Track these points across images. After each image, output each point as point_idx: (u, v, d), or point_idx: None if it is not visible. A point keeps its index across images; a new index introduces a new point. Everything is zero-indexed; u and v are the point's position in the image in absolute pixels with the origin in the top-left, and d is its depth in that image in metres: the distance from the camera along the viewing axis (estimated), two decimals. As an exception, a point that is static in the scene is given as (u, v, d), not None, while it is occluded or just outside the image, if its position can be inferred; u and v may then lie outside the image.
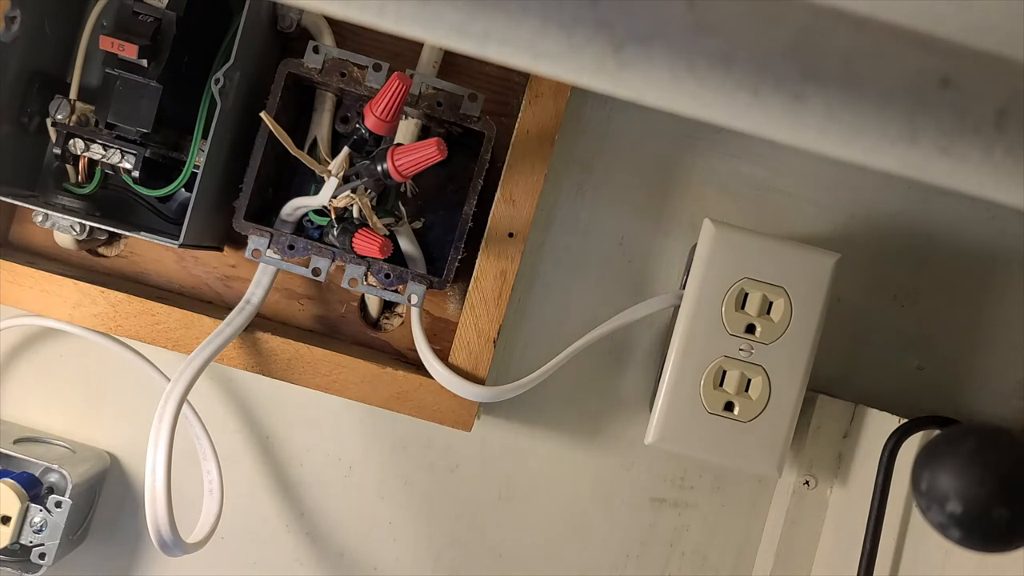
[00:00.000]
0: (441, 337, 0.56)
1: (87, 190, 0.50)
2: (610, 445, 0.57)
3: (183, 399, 0.45)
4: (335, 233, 0.48)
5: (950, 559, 0.43)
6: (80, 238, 0.51)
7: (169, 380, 0.47)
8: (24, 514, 0.49)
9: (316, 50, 0.48)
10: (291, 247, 0.48)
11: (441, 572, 0.57)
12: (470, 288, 0.51)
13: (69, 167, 0.50)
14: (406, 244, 0.52)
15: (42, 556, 0.50)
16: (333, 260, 0.48)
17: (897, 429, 0.47)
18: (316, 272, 0.48)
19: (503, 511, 0.57)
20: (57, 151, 0.48)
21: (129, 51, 0.45)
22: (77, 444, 0.55)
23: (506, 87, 0.55)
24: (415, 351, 0.53)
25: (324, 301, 0.56)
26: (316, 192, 0.47)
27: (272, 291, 0.54)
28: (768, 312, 0.49)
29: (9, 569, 0.49)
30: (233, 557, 0.57)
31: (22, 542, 0.50)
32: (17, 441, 0.54)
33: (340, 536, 0.57)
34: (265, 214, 0.51)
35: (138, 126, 0.47)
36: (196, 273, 0.55)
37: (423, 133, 0.52)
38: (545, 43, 0.20)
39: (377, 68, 0.48)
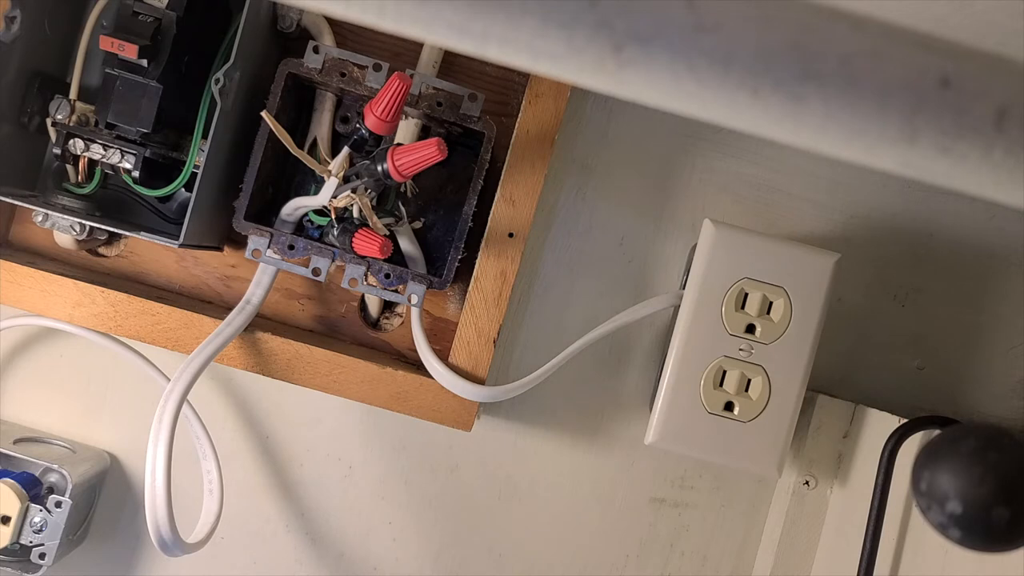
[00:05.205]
0: (441, 337, 0.56)
1: (87, 190, 0.50)
2: (610, 445, 0.57)
3: (183, 399, 0.45)
4: (335, 233, 0.48)
5: (950, 559, 0.43)
6: (80, 238, 0.51)
7: (169, 380, 0.47)
8: (24, 514, 0.49)
9: (316, 50, 0.48)
10: (291, 247, 0.48)
11: (441, 572, 0.57)
12: (470, 288, 0.51)
13: (69, 167, 0.50)
14: (406, 244, 0.52)
15: (42, 556, 0.50)
16: (333, 260, 0.48)
17: (897, 429, 0.47)
18: (316, 272, 0.48)
19: (503, 511, 0.57)
20: (57, 151, 0.48)
21: (129, 51, 0.45)
22: (77, 444, 0.55)
23: (506, 87, 0.55)
24: (415, 351, 0.53)
25: (324, 301, 0.56)
26: (316, 192, 0.47)
27: (272, 291, 0.54)
28: (768, 312, 0.49)
29: (9, 569, 0.49)
30: (233, 557, 0.57)
31: (22, 542, 0.50)
32: (17, 441, 0.54)
33: (340, 536, 0.57)
34: (265, 214, 0.51)
35: (138, 126, 0.47)
36: (196, 273, 0.56)
37: (423, 133, 0.52)
38: (545, 43, 0.20)
39: (377, 68, 0.48)
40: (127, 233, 0.48)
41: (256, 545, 0.57)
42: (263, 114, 0.45)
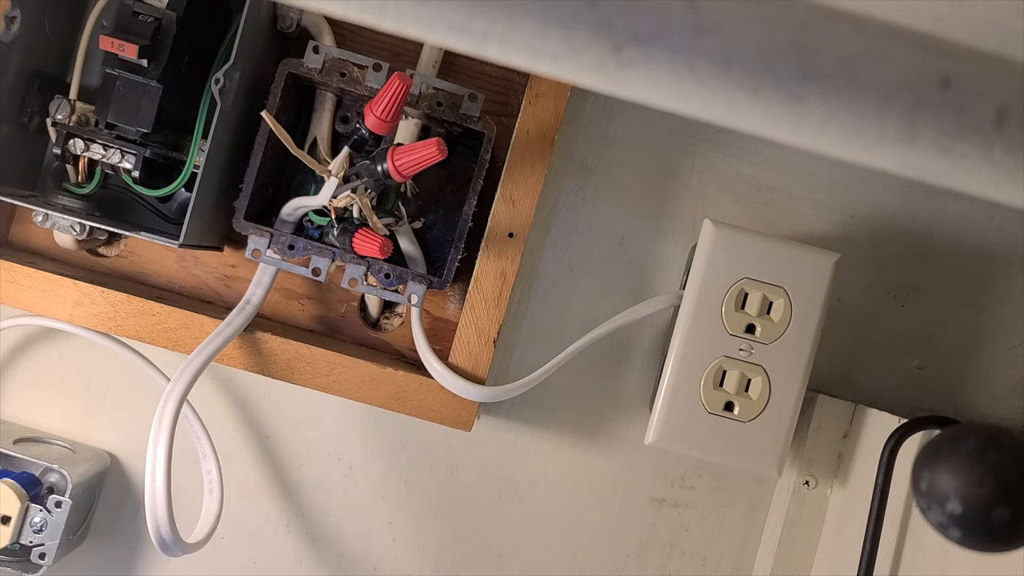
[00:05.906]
0: (441, 337, 0.56)
1: (87, 190, 0.50)
2: (610, 445, 0.57)
3: (183, 399, 0.45)
4: (335, 233, 0.48)
5: (950, 559, 0.43)
6: (80, 238, 0.51)
7: (169, 380, 0.47)
8: (24, 514, 0.49)
9: (316, 50, 0.48)
10: (291, 247, 0.48)
11: (441, 572, 0.57)
12: (470, 288, 0.51)
13: (69, 167, 0.50)
14: (406, 244, 0.52)
15: (42, 556, 0.50)
16: (333, 260, 0.48)
17: (897, 429, 0.47)
18: (316, 272, 0.48)
19: (503, 511, 0.57)
20: (57, 151, 0.48)
21: (129, 51, 0.45)
22: (77, 444, 0.55)
23: (506, 87, 0.55)
24: (415, 351, 0.53)
25: (324, 301, 0.56)
26: (316, 192, 0.47)
27: (272, 291, 0.54)
28: (768, 312, 0.49)
29: (9, 569, 0.49)
30: (233, 557, 0.57)
31: (22, 542, 0.50)
32: (17, 441, 0.54)
33: (340, 536, 0.57)
34: (265, 214, 0.51)
35: (138, 126, 0.47)
36: (196, 273, 0.56)
37: (423, 133, 0.52)
38: (545, 43, 0.20)
39: (377, 68, 0.48)
40: (127, 233, 0.48)
41: (256, 545, 0.57)
42: (263, 114, 0.45)
